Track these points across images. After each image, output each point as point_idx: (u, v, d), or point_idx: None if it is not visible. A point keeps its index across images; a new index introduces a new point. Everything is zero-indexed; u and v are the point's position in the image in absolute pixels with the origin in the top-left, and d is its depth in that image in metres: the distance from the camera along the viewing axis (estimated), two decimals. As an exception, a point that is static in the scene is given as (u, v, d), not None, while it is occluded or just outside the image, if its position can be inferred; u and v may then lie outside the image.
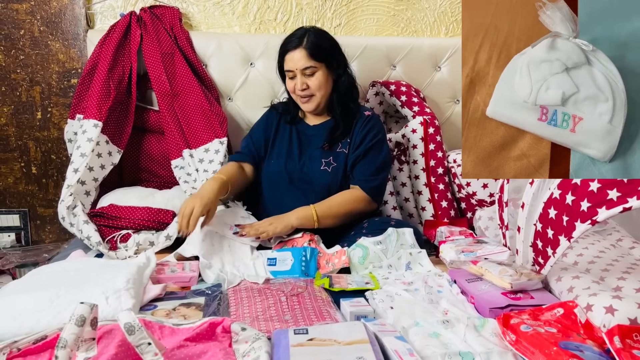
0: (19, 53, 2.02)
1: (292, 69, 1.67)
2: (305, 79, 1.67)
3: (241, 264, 1.49)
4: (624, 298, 1.06)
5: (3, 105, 2.04)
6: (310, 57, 1.65)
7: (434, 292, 1.31)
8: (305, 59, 1.65)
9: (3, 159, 2.08)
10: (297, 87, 1.68)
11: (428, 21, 2.22)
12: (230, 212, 1.67)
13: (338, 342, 0.96)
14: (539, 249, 1.28)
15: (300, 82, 1.67)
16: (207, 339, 0.98)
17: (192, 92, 1.91)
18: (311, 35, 1.67)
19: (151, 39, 1.92)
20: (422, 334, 1.05)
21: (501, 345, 1.01)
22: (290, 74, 1.69)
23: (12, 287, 1.22)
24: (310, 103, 1.71)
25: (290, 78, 1.71)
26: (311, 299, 1.25)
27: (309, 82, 1.67)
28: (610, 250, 1.43)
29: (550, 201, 1.24)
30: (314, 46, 1.66)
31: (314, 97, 1.70)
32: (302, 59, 1.65)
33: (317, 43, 1.67)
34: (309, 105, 1.71)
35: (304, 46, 1.65)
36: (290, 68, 1.68)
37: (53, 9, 2.00)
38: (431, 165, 1.87)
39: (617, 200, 1.08)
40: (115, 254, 1.57)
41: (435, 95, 2.15)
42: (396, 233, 1.56)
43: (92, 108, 1.77)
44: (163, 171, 1.99)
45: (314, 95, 1.70)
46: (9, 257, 1.95)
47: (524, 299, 1.19)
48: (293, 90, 1.71)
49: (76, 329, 0.84)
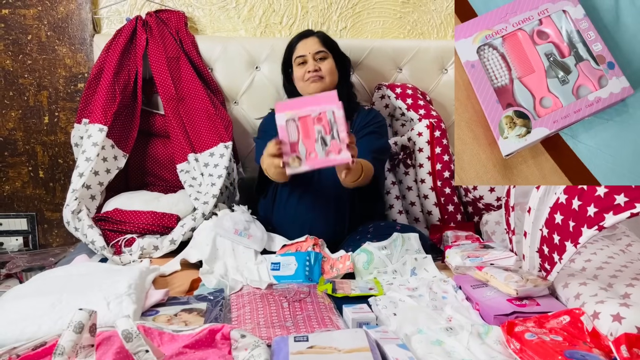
0: (27, 58, 2.03)
1: (305, 53, 1.76)
2: (317, 63, 1.75)
3: (245, 269, 1.48)
4: (631, 306, 1.03)
5: (11, 109, 2.06)
6: (323, 44, 1.78)
7: (439, 298, 1.29)
8: (318, 44, 1.78)
9: (11, 163, 2.10)
10: (309, 69, 1.74)
11: (435, 23, 2.20)
12: (235, 215, 1.66)
13: (338, 350, 0.95)
14: (545, 255, 1.26)
15: (312, 65, 1.74)
16: (207, 345, 0.97)
17: (197, 96, 1.91)
18: (320, 32, 1.85)
19: (157, 43, 1.93)
20: (425, 342, 1.03)
21: (505, 353, 1.00)
22: (301, 59, 1.77)
23: (15, 292, 1.22)
24: (319, 83, 1.75)
25: (299, 64, 1.77)
26: (313, 305, 1.24)
27: (321, 65, 1.75)
28: (619, 255, 1.40)
29: (557, 206, 1.22)
30: (326, 36, 1.82)
31: (323, 79, 1.75)
32: (315, 44, 1.78)
33: (327, 37, 1.83)
34: (317, 85, 1.74)
35: (317, 34, 1.81)
36: (303, 53, 1.77)
37: (60, 14, 2.02)
38: (437, 168, 1.85)
39: (625, 205, 1.05)
40: (120, 258, 1.57)
41: (442, 98, 2.13)
42: (401, 238, 1.54)
43: (97, 112, 1.78)
44: (169, 175, 1.99)
45: (323, 78, 1.75)
46: (16, 260, 1.96)
47: (529, 306, 1.17)
48: (302, 76, 1.76)
49: (74, 336, 0.84)
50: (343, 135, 1.29)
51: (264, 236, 1.59)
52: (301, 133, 1.31)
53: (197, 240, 1.58)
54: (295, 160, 1.30)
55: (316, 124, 1.30)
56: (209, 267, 1.47)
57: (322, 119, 1.29)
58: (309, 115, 1.30)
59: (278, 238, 1.64)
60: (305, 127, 1.31)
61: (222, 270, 1.47)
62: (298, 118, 1.30)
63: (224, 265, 1.49)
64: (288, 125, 1.30)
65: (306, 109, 1.30)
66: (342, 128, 1.29)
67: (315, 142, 1.30)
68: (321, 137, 1.30)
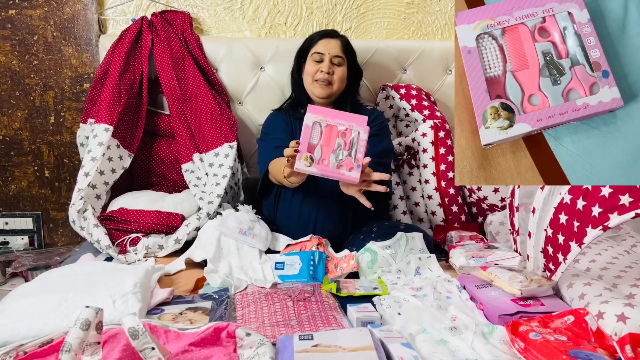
0: (33, 58, 2.04)
1: (324, 52, 1.76)
2: (331, 66, 1.76)
3: (249, 268, 1.48)
4: (636, 306, 1.03)
5: (17, 109, 2.07)
6: (343, 50, 1.79)
7: (443, 298, 1.29)
8: (339, 48, 1.78)
9: (17, 163, 2.11)
10: (322, 69, 1.74)
11: (439, 24, 2.20)
12: (239, 215, 1.66)
13: (343, 348, 0.95)
14: (549, 255, 1.26)
15: (327, 66, 1.75)
16: (212, 344, 0.97)
17: (202, 96, 1.92)
18: (345, 37, 1.85)
19: (162, 43, 1.94)
20: (430, 341, 1.04)
21: (510, 353, 1.00)
22: (319, 56, 1.77)
23: (22, 290, 1.23)
24: (327, 89, 1.76)
25: (315, 61, 1.77)
26: (318, 304, 1.24)
27: (334, 70, 1.76)
28: (624, 256, 1.40)
29: (561, 206, 1.22)
30: (348, 43, 1.83)
31: (331, 85, 1.76)
32: (337, 47, 1.78)
33: (350, 44, 1.83)
34: (325, 90, 1.76)
35: (341, 39, 1.81)
36: (323, 51, 1.76)
37: (66, 15, 2.03)
38: (441, 169, 1.85)
39: (630, 205, 1.05)
40: (125, 258, 1.58)
41: (446, 99, 2.14)
42: (405, 237, 1.55)
43: (103, 112, 1.79)
44: (174, 175, 1.99)
45: (332, 84, 1.76)
46: (22, 259, 1.97)
47: (533, 306, 1.17)
48: (314, 73, 1.76)
49: (81, 333, 0.84)
50: (360, 157, 1.34)
51: (268, 235, 1.60)
52: (323, 139, 1.35)
53: (202, 240, 1.59)
54: (307, 159, 1.32)
55: (339, 137, 1.35)
56: (214, 266, 1.48)
57: (346, 135, 1.34)
58: (335, 126, 1.35)
59: (282, 237, 1.64)
60: (328, 135, 1.35)
61: (227, 269, 1.47)
62: (325, 125, 1.35)
63: (229, 264, 1.49)
64: (314, 127, 1.34)
65: (336, 120, 1.35)
66: (362, 150, 1.34)
67: (332, 152, 1.35)
68: (339, 150, 1.35)
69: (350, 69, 1.80)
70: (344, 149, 1.34)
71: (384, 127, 1.82)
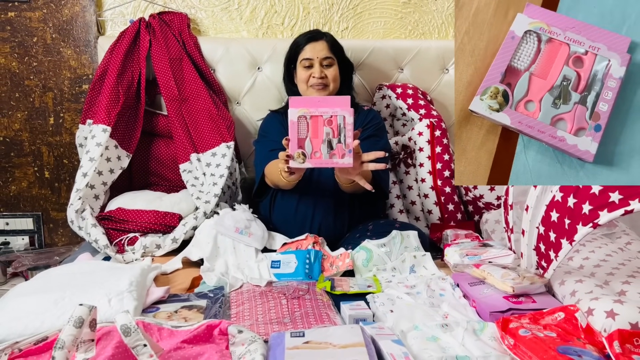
0: (32, 60, 2.06)
1: (312, 57, 1.77)
2: (323, 69, 1.76)
3: (245, 267, 1.50)
4: (625, 302, 1.04)
5: (17, 111, 2.09)
6: (331, 49, 1.79)
7: (436, 296, 1.30)
8: (326, 49, 1.78)
9: (17, 164, 2.13)
10: (314, 74, 1.75)
11: (436, 23, 2.21)
12: (236, 214, 1.68)
13: (334, 345, 0.96)
14: (541, 252, 1.26)
15: (318, 70, 1.75)
16: (204, 341, 0.99)
17: (200, 96, 1.94)
18: (329, 35, 1.84)
19: (160, 44, 1.95)
20: (421, 338, 1.05)
21: (499, 349, 1.01)
22: (308, 62, 1.77)
23: (19, 289, 1.25)
24: (324, 91, 1.77)
25: (305, 67, 1.78)
26: (312, 301, 1.25)
27: (327, 72, 1.77)
28: (617, 253, 1.41)
29: (553, 204, 1.23)
30: (334, 41, 1.82)
31: (327, 87, 1.77)
32: (323, 49, 1.78)
33: (336, 41, 1.83)
34: (322, 93, 1.77)
35: (326, 39, 1.80)
36: (310, 57, 1.77)
37: (65, 17, 2.05)
38: (438, 168, 1.86)
39: (619, 202, 1.06)
40: (122, 257, 1.59)
41: (443, 98, 2.14)
42: (400, 236, 1.55)
43: (101, 113, 1.80)
44: (172, 175, 2.01)
45: (328, 86, 1.77)
46: (22, 259, 1.99)
47: (525, 303, 1.18)
48: (307, 79, 1.77)
49: (74, 330, 0.85)
50: (349, 142, 1.34)
51: (264, 234, 1.61)
52: (310, 131, 1.35)
53: (199, 239, 1.60)
54: (300, 156, 1.34)
55: (326, 126, 1.34)
56: (210, 264, 1.49)
57: (332, 122, 1.34)
58: (320, 116, 1.35)
59: (278, 236, 1.66)
60: (315, 127, 1.35)
61: (223, 268, 1.48)
62: (310, 117, 1.35)
63: (225, 263, 1.51)
64: (299, 121, 1.35)
65: (319, 109, 1.35)
66: (350, 134, 1.34)
67: (322, 143, 1.35)
68: (328, 140, 1.35)
69: (341, 66, 1.82)
70: (333, 137, 1.34)
71: (381, 127, 1.82)
